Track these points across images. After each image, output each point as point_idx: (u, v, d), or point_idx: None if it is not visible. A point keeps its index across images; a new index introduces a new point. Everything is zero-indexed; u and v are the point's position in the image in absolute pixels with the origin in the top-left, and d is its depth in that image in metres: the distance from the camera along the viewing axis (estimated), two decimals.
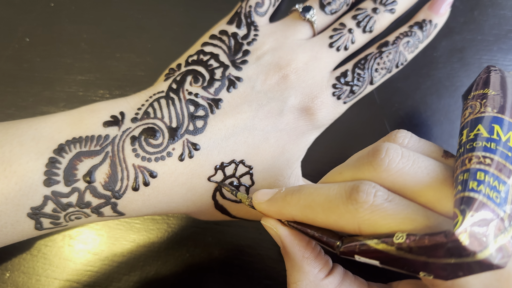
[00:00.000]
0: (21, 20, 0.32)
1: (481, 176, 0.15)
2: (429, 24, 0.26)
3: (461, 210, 0.14)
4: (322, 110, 0.25)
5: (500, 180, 0.15)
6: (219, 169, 0.22)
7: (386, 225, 0.15)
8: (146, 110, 0.22)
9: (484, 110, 0.18)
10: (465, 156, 0.16)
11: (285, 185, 0.24)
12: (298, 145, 0.24)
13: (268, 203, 0.19)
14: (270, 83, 0.24)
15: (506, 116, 0.17)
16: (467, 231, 0.13)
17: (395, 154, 0.17)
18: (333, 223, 0.17)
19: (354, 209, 0.16)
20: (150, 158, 0.21)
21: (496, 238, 0.14)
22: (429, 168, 0.17)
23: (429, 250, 0.14)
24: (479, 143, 0.16)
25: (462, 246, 0.13)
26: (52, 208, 0.20)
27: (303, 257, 0.19)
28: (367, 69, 0.26)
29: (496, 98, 0.18)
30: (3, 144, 0.20)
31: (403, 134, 0.19)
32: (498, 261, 0.13)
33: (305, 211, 0.18)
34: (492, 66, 0.20)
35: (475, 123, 0.17)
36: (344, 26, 0.26)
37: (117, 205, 0.21)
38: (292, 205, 0.18)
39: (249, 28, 0.26)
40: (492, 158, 0.15)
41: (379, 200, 0.16)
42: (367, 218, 0.16)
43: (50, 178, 0.19)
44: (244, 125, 0.23)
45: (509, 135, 0.16)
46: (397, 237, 0.15)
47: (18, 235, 0.21)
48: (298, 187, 0.19)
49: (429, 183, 0.16)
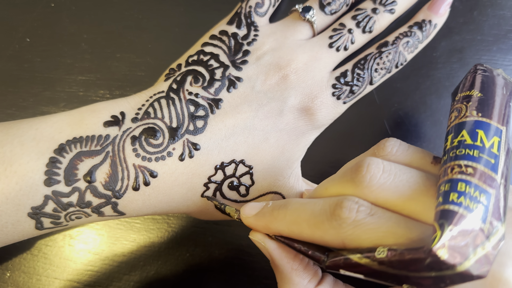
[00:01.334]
0: (22, 20, 0.32)
1: (462, 187, 0.15)
2: (429, 24, 0.26)
3: (440, 225, 0.14)
4: (322, 110, 0.25)
5: (482, 190, 0.15)
6: (219, 169, 0.22)
7: (369, 240, 0.16)
8: (147, 110, 0.22)
9: (469, 114, 0.17)
10: (448, 165, 0.16)
11: (285, 184, 0.24)
12: (298, 145, 0.25)
13: (255, 217, 0.20)
14: (270, 83, 0.24)
15: (491, 120, 0.17)
16: (445, 245, 0.13)
17: (376, 169, 0.17)
18: (319, 238, 0.17)
19: (338, 225, 0.16)
20: (150, 158, 0.21)
21: (476, 250, 0.14)
22: (411, 181, 0.17)
23: (409, 265, 0.14)
24: (462, 150, 0.16)
25: (441, 261, 0.13)
26: (53, 208, 0.20)
27: (291, 269, 0.19)
28: (366, 69, 0.26)
29: (481, 100, 0.17)
30: (4, 144, 0.20)
31: (391, 143, 0.19)
32: (479, 271, 0.13)
33: (291, 227, 0.18)
34: (480, 65, 0.19)
35: (459, 129, 0.17)
36: (344, 26, 0.26)
37: (117, 204, 0.21)
38: (278, 220, 0.19)
39: (249, 29, 0.26)
40: (475, 167, 0.15)
41: (361, 215, 0.16)
42: (350, 233, 0.16)
43: (50, 178, 0.19)
44: (244, 125, 0.23)
45: (493, 140, 0.16)
46: (379, 252, 0.15)
47: (18, 234, 0.21)
48: (285, 202, 0.19)
49: (411, 196, 0.16)
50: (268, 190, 0.23)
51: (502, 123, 0.17)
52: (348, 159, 0.27)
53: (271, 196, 0.24)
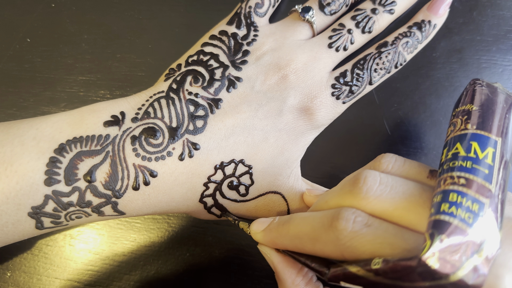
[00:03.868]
0: (22, 21, 0.32)
1: (454, 197, 0.15)
2: (428, 24, 0.26)
3: (430, 234, 0.14)
4: (321, 110, 0.25)
5: (475, 199, 0.15)
6: (219, 168, 0.22)
7: (366, 251, 0.16)
8: (147, 110, 0.22)
9: (464, 127, 0.17)
10: (441, 177, 0.16)
11: (284, 184, 0.24)
12: (297, 144, 0.25)
13: (263, 233, 0.21)
14: (270, 83, 0.24)
15: (486, 131, 0.17)
16: (435, 255, 0.13)
17: (373, 181, 0.17)
18: (320, 251, 0.18)
19: (335, 237, 0.17)
20: (150, 158, 0.21)
21: (469, 259, 0.14)
22: (407, 192, 0.17)
23: (403, 275, 0.14)
24: (456, 162, 0.16)
25: (432, 270, 0.13)
26: (53, 208, 0.20)
27: (293, 283, 0.19)
28: (366, 69, 0.26)
29: (476, 113, 0.17)
30: (4, 144, 0.20)
31: (388, 159, 0.19)
32: (474, 281, 0.13)
33: (294, 241, 0.19)
34: (477, 80, 0.19)
35: (454, 142, 0.17)
36: (344, 26, 0.26)
37: (117, 204, 0.21)
38: (283, 235, 0.19)
39: (248, 29, 0.26)
40: (467, 177, 0.15)
41: (358, 226, 0.16)
42: (348, 245, 0.16)
43: (51, 178, 0.20)
44: (243, 125, 0.23)
45: (488, 151, 0.16)
46: (374, 263, 0.15)
47: (19, 234, 0.21)
48: (289, 217, 0.20)
49: (407, 207, 0.16)
50: (267, 190, 0.24)
51: (497, 134, 0.17)
52: (348, 159, 0.27)
53: (271, 196, 0.24)
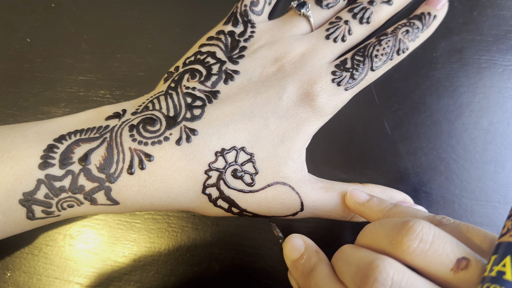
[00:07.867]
0: (22, 21, 0.32)
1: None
2: (428, 15, 0.26)
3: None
4: (322, 96, 0.24)
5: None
6: (220, 155, 0.22)
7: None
8: (146, 105, 0.23)
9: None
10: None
11: (289, 175, 0.23)
12: (298, 133, 0.24)
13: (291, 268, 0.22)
14: (267, 74, 0.24)
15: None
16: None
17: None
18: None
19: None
20: (146, 142, 0.21)
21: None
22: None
23: None
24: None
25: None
26: (45, 194, 0.20)
27: None
28: (366, 56, 0.25)
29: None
30: (6, 136, 0.20)
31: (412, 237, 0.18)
32: None
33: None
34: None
35: (504, 252, 0.15)
36: (340, 19, 0.27)
37: (111, 190, 0.21)
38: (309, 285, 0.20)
39: (245, 26, 0.26)
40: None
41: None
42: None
43: (45, 162, 0.20)
44: (243, 112, 0.23)
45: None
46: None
47: (10, 225, 0.20)
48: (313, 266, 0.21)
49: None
50: (274, 180, 0.23)
51: None
52: (348, 159, 0.27)
53: (280, 187, 0.23)
